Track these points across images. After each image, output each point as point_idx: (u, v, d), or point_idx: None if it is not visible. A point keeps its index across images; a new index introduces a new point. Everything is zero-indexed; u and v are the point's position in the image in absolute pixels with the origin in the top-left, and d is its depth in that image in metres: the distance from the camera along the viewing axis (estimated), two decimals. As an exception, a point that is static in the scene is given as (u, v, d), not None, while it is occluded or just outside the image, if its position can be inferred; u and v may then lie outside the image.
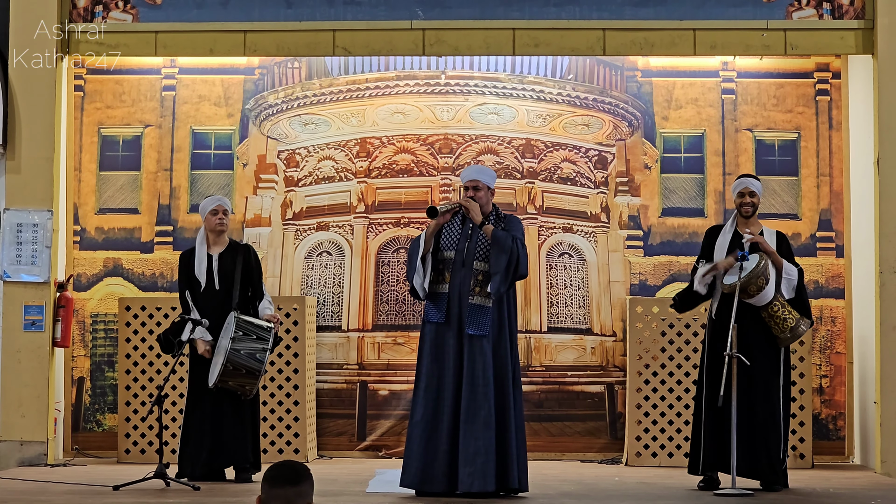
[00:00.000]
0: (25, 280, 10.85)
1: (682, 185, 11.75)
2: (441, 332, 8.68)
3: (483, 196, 8.81)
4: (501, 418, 8.54)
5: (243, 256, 9.65)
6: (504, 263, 8.56)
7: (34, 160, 10.87)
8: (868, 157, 10.91)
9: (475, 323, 8.58)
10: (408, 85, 11.89)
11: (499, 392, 8.56)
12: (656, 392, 11.05)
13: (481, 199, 8.80)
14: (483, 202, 8.80)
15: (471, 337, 8.58)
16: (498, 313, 8.65)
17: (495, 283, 8.57)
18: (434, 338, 8.71)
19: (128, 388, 11.24)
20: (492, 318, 8.60)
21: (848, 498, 8.93)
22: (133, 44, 11.10)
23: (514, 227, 8.78)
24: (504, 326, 8.66)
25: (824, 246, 11.62)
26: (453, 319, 8.65)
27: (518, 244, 8.62)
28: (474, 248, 8.70)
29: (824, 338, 11.54)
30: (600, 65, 11.83)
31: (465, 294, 8.63)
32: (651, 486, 9.51)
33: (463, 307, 8.62)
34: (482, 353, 8.55)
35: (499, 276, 8.55)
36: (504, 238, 8.62)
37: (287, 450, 11.12)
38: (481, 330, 8.56)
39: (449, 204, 8.85)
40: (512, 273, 8.60)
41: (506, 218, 8.86)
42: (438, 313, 8.68)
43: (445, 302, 8.68)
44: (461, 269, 8.70)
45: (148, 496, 8.61)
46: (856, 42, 10.88)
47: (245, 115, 11.89)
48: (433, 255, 8.79)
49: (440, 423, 8.56)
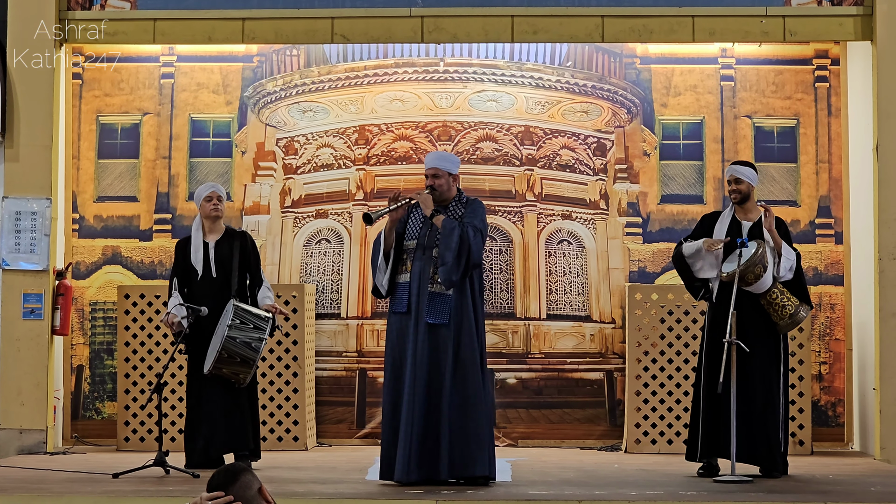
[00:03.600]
0: (24, 268, 10.84)
1: (681, 172, 11.75)
2: (404, 321, 8.66)
3: (443, 183, 8.77)
4: (464, 406, 8.51)
5: (240, 243, 9.62)
6: (453, 254, 8.50)
7: (33, 148, 10.86)
8: (867, 144, 10.90)
9: (434, 311, 8.54)
10: (406, 72, 11.88)
11: (460, 380, 8.51)
12: (655, 379, 11.06)
13: (441, 186, 8.76)
14: (443, 189, 8.77)
15: (430, 325, 8.56)
16: (460, 300, 8.60)
17: (443, 272, 8.53)
18: (398, 328, 8.70)
19: (127, 375, 11.24)
20: (452, 305, 8.57)
21: (847, 484, 8.93)
22: (131, 31, 11.09)
23: (473, 214, 8.73)
24: (467, 313, 8.59)
25: (823, 233, 11.62)
26: (413, 308, 8.62)
27: (470, 232, 8.56)
28: (434, 237, 8.68)
29: (823, 324, 11.54)
30: (599, 52, 11.81)
31: (425, 283, 8.61)
32: (650, 473, 9.51)
33: (422, 296, 8.60)
34: (443, 340, 8.52)
35: (446, 267, 8.51)
36: (452, 228, 8.56)
37: (286, 437, 11.12)
38: (440, 318, 8.53)
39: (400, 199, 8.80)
40: (464, 262, 8.54)
41: (468, 202, 8.82)
42: (400, 303, 8.68)
43: (406, 291, 8.66)
44: (421, 257, 8.68)
45: (147, 484, 8.61)
46: (855, 28, 10.86)
47: (243, 103, 11.88)
48: (397, 247, 8.78)
49: (405, 414, 8.53)
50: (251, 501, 4.51)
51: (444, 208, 8.76)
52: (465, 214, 8.72)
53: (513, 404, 11.66)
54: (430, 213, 8.67)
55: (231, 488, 4.49)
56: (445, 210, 8.74)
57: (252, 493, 4.51)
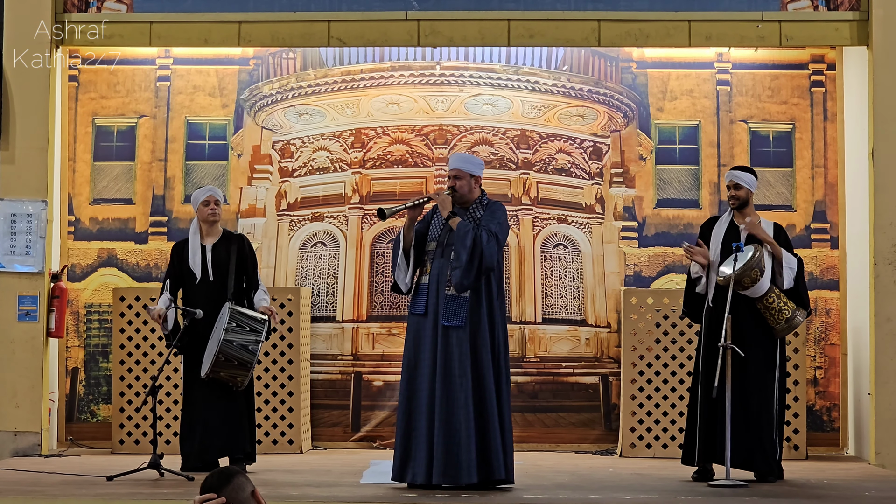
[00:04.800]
0: (19, 270, 10.84)
1: (676, 177, 11.75)
2: (422, 323, 8.67)
3: (464, 185, 8.77)
4: (481, 409, 8.50)
5: (237, 246, 9.62)
6: (465, 257, 8.50)
7: (28, 150, 10.86)
8: (863, 149, 10.92)
9: (450, 314, 8.55)
10: (403, 76, 11.88)
11: (477, 383, 8.50)
12: (651, 383, 11.06)
13: (462, 187, 8.76)
14: (464, 191, 8.77)
15: (447, 328, 8.56)
16: (476, 303, 8.60)
17: (455, 276, 8.53)
18: (415, 330, 8.71)
19: (122, 378, 11.24)
20: (469, 308, 8.57)
21: (842, 489, 8.94)
22: (128, 34, 11.09)
23: (491, 217, 8.71)
24: (483, 316, 8.59)
25: (819, 237, 11.62)
26: (431, 310, 8.64)
27: (483, 236, 8.55)
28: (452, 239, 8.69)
29: (819, 329, 11.54)
30: (595, 56, 11.82)
31: (443, 285, 8.62)
32: (645, 478, 9.52)
33: (440, 298, 8.61)
34: (459, 343, 8.52)
35: (459, 271, 8.51)
36: (466, 231, 8.57)
37: (281, 440, 11.12)
38: (456, 321, 8.54)
39: (416, 199, 8.83)
40: (476, 266, 8.53)
41: (488, 205, 8.81)
42: (419, 305, 8.69)
43: (426, 293, 8.67)
44: (440, 259, 8.69)
45: (142, 486, 8.61)
46: (851, 33, 10.88)
47: (240, 106, 11.87)
48: (420, 247, 8.80)
49: (420, 416, 8.54)
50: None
51: (465, 210, 8.75)
52: (483, 217, 8.71)
53: (508, 408, 11.65)
54: (447, 214, 8.68)
55: (224, 490, 4.50)
56: (466, 212, 8.74)
57: (245, 495, 4.52)
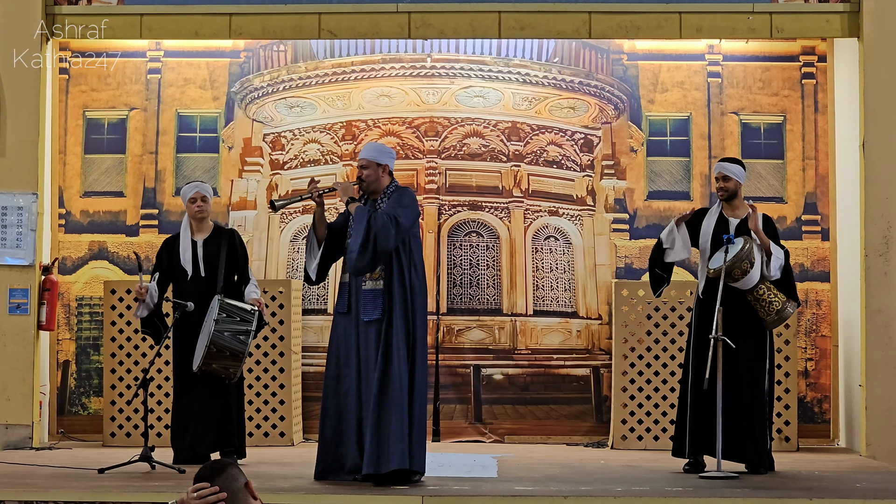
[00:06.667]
0: (10, 263, 10.82)
1: (667, 169, 11.76)
2: (345, 321, 8.63)
3: (371, 174, 8.69)
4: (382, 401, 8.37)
5: (228, 241, 9.61)
6: (360, 240, 8.40)
7: (19, 143, 10.83)
8: (853, 141, 10.92)
9: (367, 309, 8.48)
10: (393, 68, 11.87)
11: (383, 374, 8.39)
12: (642, 375, 11.06)
13: (369, 176, 8.67)
14: (371, 180, 8.69)
15: (366, 323, 8.50)
16: (395, 297, 8.51)
17: (350, 260, 8.49)
18: (338, 328, 8.66)
19: (113, 371, 11.23)
20: (385, 300, 8.50)
21: (833, 480, 8.95)
22: (118, 26, 11.06)
23: (396, 202, 8.57)
24: (396, 305, 8.49)
25: (810, 229, 11.64)
26: (353, 307, 8.58)
27: (380, 218, 8.42)
28: None
29: (809, 321, 11.56)
30: (586, 48, 11.82)
31: (361, 279, 8.56)
32: (636, 469, 9.52)
33: (359, 294, 8.56)
34: (375, 336, 8.46)
35: (353, 254, 8.43)
36: (361, 215, 8.48)
37: (273, 433, 11.11)
38: (373, 315, 8.48)
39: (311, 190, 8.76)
40: (371, 250, 8.40)
41: (394, 191, 8.69)
42: (341, 303, 8.64)
43: (347, 291, 8.63)
44: None
45: (133, 479, 8.61)
46: (842, 25, 10.87)
47: (231, 98, 11.86)
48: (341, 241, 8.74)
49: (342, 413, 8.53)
50: (237, 494, 4.53)
51: (374, 201, 8.69)
52: (388, 203, 8.61)
53: (499, 400, 11.67)
54: (345, 201, 8.65)
55: (217, 481, 4.53)
56: (375, 202, 8.68)
57: (238, 486, 4.55)
